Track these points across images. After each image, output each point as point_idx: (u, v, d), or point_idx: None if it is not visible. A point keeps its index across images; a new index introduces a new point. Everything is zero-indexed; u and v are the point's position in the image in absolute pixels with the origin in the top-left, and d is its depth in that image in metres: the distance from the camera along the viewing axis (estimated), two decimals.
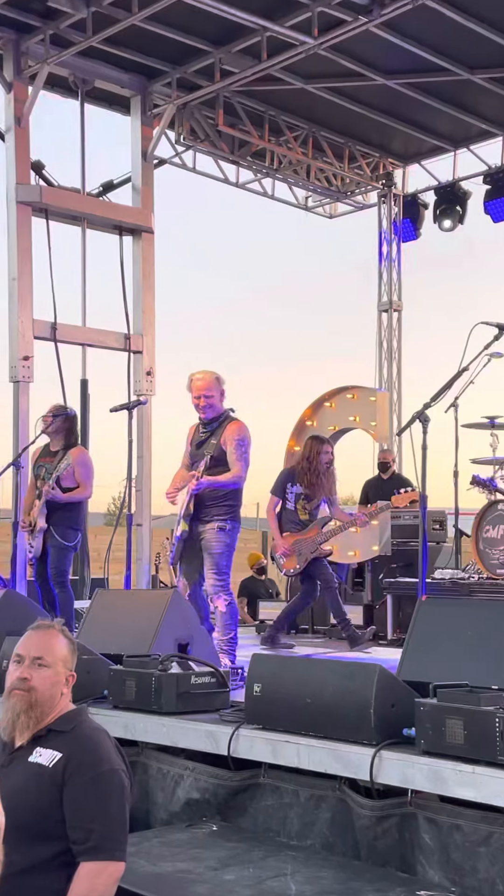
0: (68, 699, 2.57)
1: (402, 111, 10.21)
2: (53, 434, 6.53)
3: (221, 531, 5.39)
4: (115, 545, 7.62)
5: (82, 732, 2.49)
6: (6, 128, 8.62)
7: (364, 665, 3.26)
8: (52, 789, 2.38)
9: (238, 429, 5.47)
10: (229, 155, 10.53)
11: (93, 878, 2.31)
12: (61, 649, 2.57)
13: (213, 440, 5.47)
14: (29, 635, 2.60)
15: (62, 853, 2.36)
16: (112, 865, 2.35)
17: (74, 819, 2.36)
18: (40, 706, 2.48)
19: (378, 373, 11.75)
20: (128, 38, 8.53)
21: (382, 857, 2.95)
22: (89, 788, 2.37)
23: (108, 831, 2.36)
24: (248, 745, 3.38)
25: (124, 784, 2.44)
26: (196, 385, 5.51)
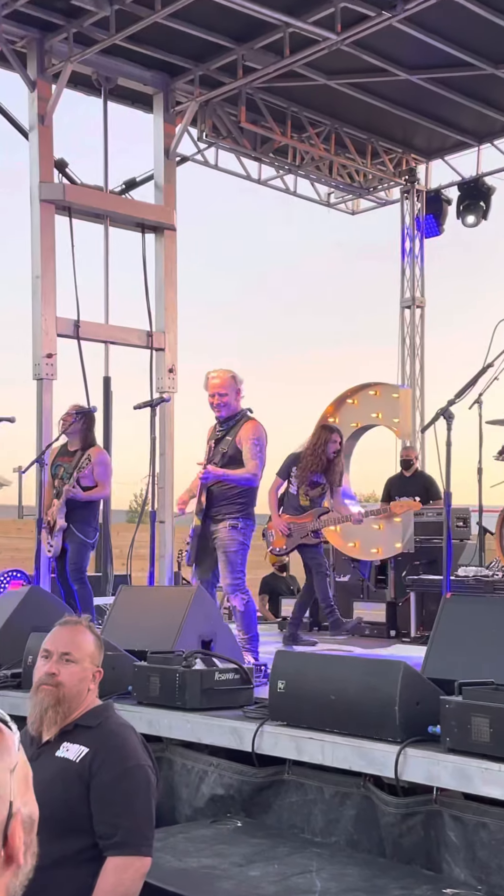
0: (95, 695, 2.59)
1: (425, 106, 10.16)
2: (72, 434, 6.59)
3: (234, 529, 5.36)
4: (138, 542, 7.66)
5: (109, 728, 2.50)
6: (30, 126, 8.66)
7: (389, 662, 3.25)
8: (79, 784, 2.39)
9: (254, 428, 5.47)
10: (251, 152, 10.52)
11: (119, 872, 2.32)
12: (88, 645, 2.58)
13: (229, 437, 5.48)
14: (57, 631, 2.62)
15: (89, 847, 2.37)
16: (139, 861, 2.35)
17: (101, 814, 2.37)
18: (67, 701, 2.49)
19: (400, 369, 11.70)
20: (151, 36, 8.54)
21: (408, 855, 2.95)
22: (116, 784, 2.38)
23: (135, 826, 2.36)
24: (272, 742, 3.38)
25: (150, 780, 2.45)
26: (211, 383, 5.52)
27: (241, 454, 5.41)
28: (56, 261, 8.67)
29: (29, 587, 5.54)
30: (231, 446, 5.43)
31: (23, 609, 4.85)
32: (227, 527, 5.36)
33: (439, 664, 3.35)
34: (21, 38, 8.48)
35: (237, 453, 5.42)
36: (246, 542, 5.42)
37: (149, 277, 9.34)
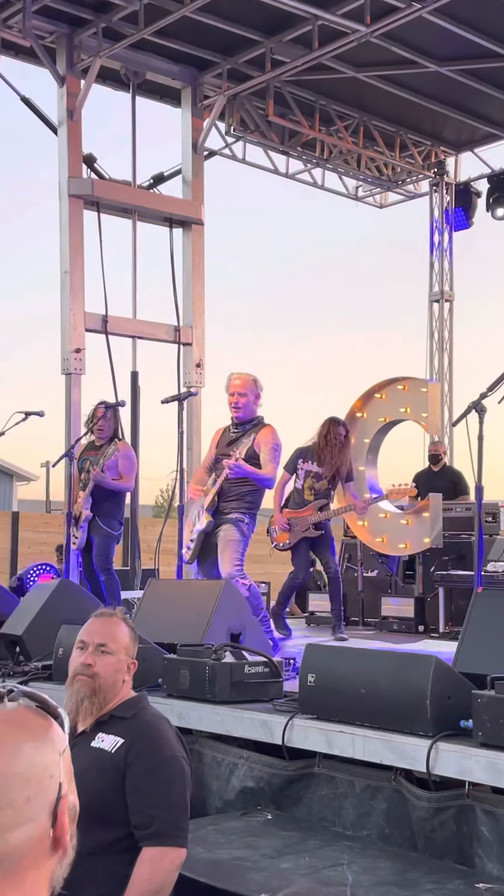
0: (129, 686, 2.60)
1: (454, 98, 10.08)
2: (102, 430, 6.68)
3: (240, 522, 5.55)
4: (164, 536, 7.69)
5: (144, 719, 2.52)
6: (59, 121, 8.70)
7: (420, 656, 3.24)
8: (115, 774, 2.40)
9: (272, 433, 5.61)
10: (279, 145, 10.50)
11: (155, 863, 2.33)
12: (124, 637, 2.60)
13: (246, 440, 5.56)
14: (92, 622, 2.63)
15: (125, 837, 2.38)
16: (174, 851, 2.36)
17: (136, 805, 2.38)
18: (103, 692, 2.51)
19: (429, 364, 11.64)
20: (179, 30, 8.54)
21: (440, 850, 2.93)
22: (151, 775, 2.39)
23: (170, 817, 2.37)
24: (302, 735, 3.38)
25: (185, 771, 2.46)
26: (233, 384, 5.65)
27: (256, 457, 5.51)
28: (84, 256, 8.70)
29: (59, 580, 5.58)
30: (249, 449, 5.53)
31: (53, 602, 4.89)
32: (233, 519, 5.52)
33: (471, 658, 3.33)
34: (50, 33, 8.52)
35: (254, 455, 5.53)
36: (247, 536, 5.61)
37: (176, 272, 9.35)
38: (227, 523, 5.54)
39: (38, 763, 1.02)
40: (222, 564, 5.48)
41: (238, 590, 4.95)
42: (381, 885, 2.65)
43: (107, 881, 2.33)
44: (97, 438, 6.75)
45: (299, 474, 6.87)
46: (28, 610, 4.97)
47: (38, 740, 1.03)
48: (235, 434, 5.68)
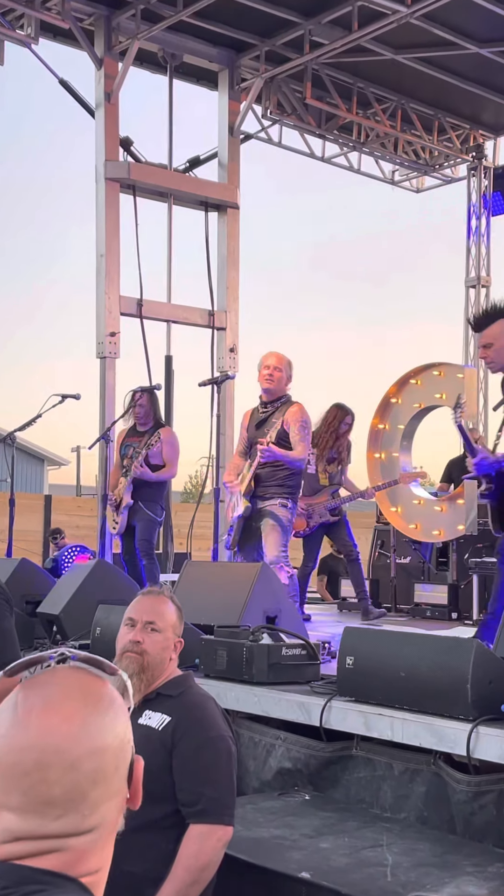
0: (175, 664, 2.61)
1: (494, 80, 9.93)
2: (142, 414, 6.68)
3: (283, 507, 5.55)
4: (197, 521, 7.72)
5: (190, 698, 2.53)
6: (96, 104, 8.70)
7: (461, 640, 3.22)
8: (162, 752, 2.42)
9: (300, 410, 5.60)
10: (316, 129, 10.42)
11: (202, 840, 2.35)
12: (171, 615, 2.61)
13: (275, 419, 5.54)
14: (140, 600, 2.65)
15: (172, 814, 2.40)
16: (221, 829, 2.38)
17: (184, 782, 2.39)
18: (151, 669, 2.52)
19: (465, 350, 11.53)
20: (217, 12, 8.49)
21: (479, 833, 2.92)
22: (198, 753, 2.41)
23: (217, 795, 2.39)
24: (340, 717, 3.38)
25: (231, 750, 2.47)
26: (267, 361, 5.67)
27: (287, 436, 5.50)
28: (120, 239, 8.71)
29: (96, 560, 5.61)
30: (278, 428, 5.51)
31: (90, 582, 4.92)
32: (278, 505, 5.50)
33: None
34: (89, 15, 8.51)
35: (284, 435, 5.52)
36: (292, 521, 5.58)
37: (211, 256, 9.33)
38: (271, 509, 5.52)
39: (118, 733, 1.03)
40: (267, 549, 5.48)
41: (275, 573, 4.95)
42: (422, 866, 2.65)
43: (153, 857, 2.34)
44: (139, 424, 6.75)
45: (310, 459, 6.85)
46: (65, 590, 5.01)
47: (112, 709, 1.04)
48: (264, 414, 5.67)
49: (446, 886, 2.50)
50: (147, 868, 2.30)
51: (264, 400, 5.71)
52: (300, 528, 6.89)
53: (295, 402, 5.66)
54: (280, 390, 5.67)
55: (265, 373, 5.65)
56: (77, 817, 0.98)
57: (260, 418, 5.69)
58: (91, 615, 4.47)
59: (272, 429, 5.54)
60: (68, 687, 1.04)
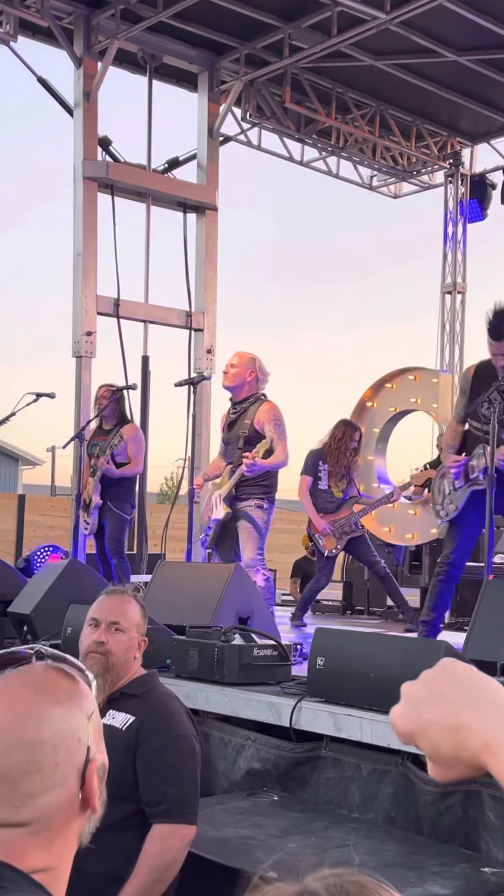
0: (140, 664, 2.61)
1: (472, 88, 10.01)
2: (108, 414, 6.66)
3: (259, 508, 5.48)
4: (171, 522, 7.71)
5: (155, 697, 2.53)
6: (75, 103, 8.68)
7: (431, 641, 3.25)
8: (126, 752, 2.42)
9: (271, 409, 5.50)
10: (295, 133, 10.45)
11: (165, 840, 2.35)
12: (135, 614, 2.61)
13: (246, 420, 5.49)
14: (104, 600, 2.64)
15: (135, 814, 2.40)
16: (184, 829, 2.38)
17: (147, 782, 2.39)
18: (115, 669, 2.52)
19: (440, 355, 11.61)
20: (197, 14, 8.50)
21: (446, 834, 2.94)
22: (162, 752, 2.41)
23: (181, 795, 2.39)
24: (310, 718, 3.39)
25: (195, 749, 2.47)
26: (230, 360, 5.60)
27: (259, 437, 5.43)
28: (98, 239, 8.69)
29: (68, 560, 5.59)
30: (249, 429, 5.45)
31: (62, 581, 4.90)
32: (254, 506, 5.46)
33: (481, 645, 3.33)
34: (68, 14, 8.49)
35: (256, 435, 5.45)
36: (268, 522, 5.53)
37: (189, 257, 9.33)
38: (247, 510, 5.47)
39: (66, 729, 1.03)
40: (244, 552, 5.45)
41: (247, 575, 4.96)
42: (388, 866, 2.67)
43: (117, 857, 2.34)
44: (105, 422, 6.75)
45: (321, 476, 6.76)
46: (37, 589, 4.99)
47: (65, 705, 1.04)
48: (234, 414, 5.61)
49: (412, 886, 2.52)
50: (111, 868, 2.29)
51: (233, 400, 5.66)
52: (330, 547, 6.74)
53: (266, 401, 5.57)
54: (240, 387, 5.57)
55: (224, 371, 5.63)
56: (8, 807, 0.98)
57: (231, 419, 5.64)
58: (62, 615, 4.45)
59: (243, 430, 5.49)
60: (26, 680, 1.04)
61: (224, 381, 5.61)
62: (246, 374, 5.54)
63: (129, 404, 7.29)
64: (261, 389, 5.60)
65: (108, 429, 6.69)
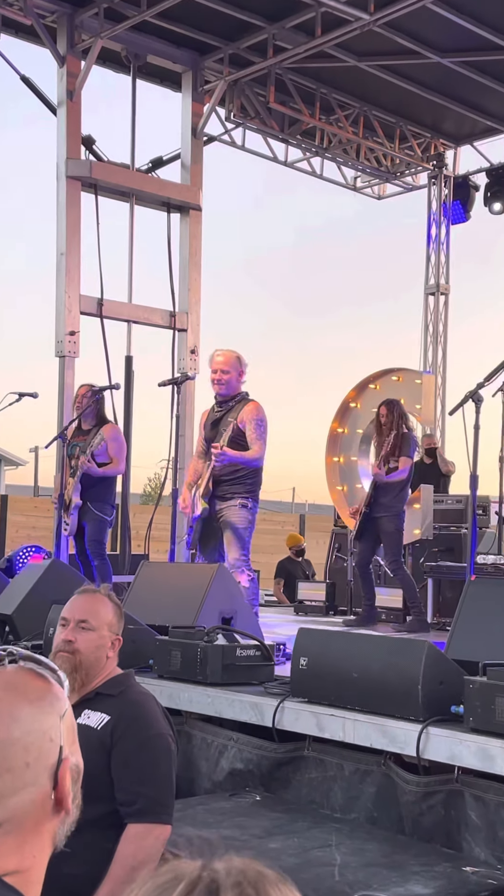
0: (114, 663, 2.59)
1: (455, 90, 10.06)
2: (87, 413, 6.62)
3: (244, 508, 5.41)
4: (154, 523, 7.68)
5: (130, 697, 2.51)
6: (58, 102, 8.64)
7: (413, 641, 3.25)
8: (101, 751, 2.40)
9: (256, 409, 5.45)
10: (279, 133, 10.46)
11: (140, 839, 2.34)
12: (106, 613, 2.58)
13: (230, 418, 5.45)
14: (74, 599, 2.63)
15: (111, 814, 2.38)
16: (159, 828, 2.36)
17: (122, 782, 2.38)
18: (85, 668, 2.49)
19: (423, 356, 11.65)
20: (181, 13, 8.49)
21: (428, 833, 2.95)
22: (137, 752, 2.39)
23: (155, 794, 2.37)
24: (293, 718, 3.39)
25: (171, 748, 2.45)
26: (215, 360, 5.52)
27: (243, 435, 5.41)
28: (81, 238, 8.66)
29: (50, 560, 5.56)
30: (233, 427, 5.42)
31: (44, 582, 4.87)
32: (238, 505, 5.39)
33: (463, 645, 3.34)
34: (52, 12, 8.46)
35: (239, 434, 5.41)
36: (253, 521, 5.47)
37: (173, 257, 9.32)
38: (230, 509, 5.42)
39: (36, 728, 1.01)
40: (228, 553, 5.41)
41: (231, 575, 4.94)
42: (370, 866, 2.67)
43: (92, 857, 2.32)
44: (84, 422, 6.71)
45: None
46: (19, 589, 4.96)
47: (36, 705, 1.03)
48: (219, 413, 5.58)
49: (394, 886, 2.52)
50: (86, 869, 2.27)
51: (219, 399, 5.63)
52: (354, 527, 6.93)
53: (251, 401, 5.52)
54: (232, 390, 5.54)
55: (213, 377, 5.55)
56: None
57: (215, 417, 5.61)
58: (45, 615, 4.43)
59: (227, 428, 5.46)
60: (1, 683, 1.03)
61: (218, 389, 5.52)
62: (234, 376, 5.51)
63: (112, 404, 7.26)
64: (242, 386, 5.57)
65: (87, 429, 6.64)
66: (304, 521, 16.41)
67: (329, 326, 75.14)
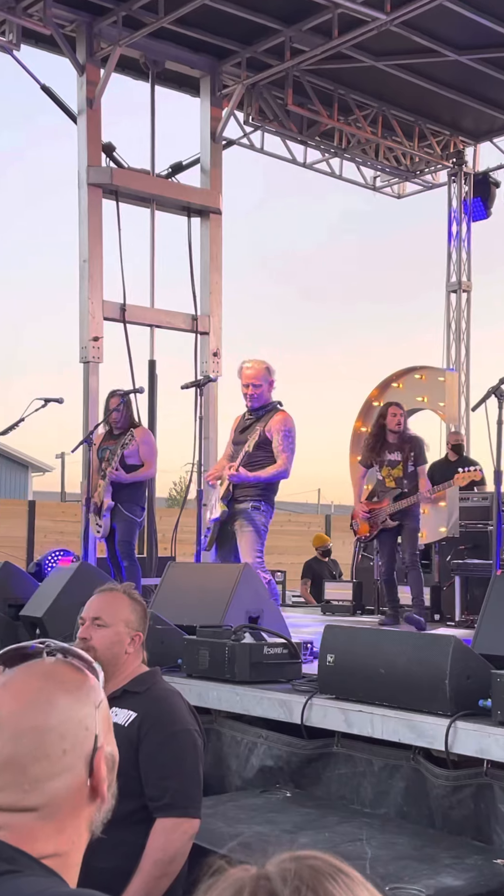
0: (138, 661, 2.61)
1: (474, 87, 10.04)
2: (118, 419, 6.69)
3: (255, 510, 5.48)
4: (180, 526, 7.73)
5: (156, 693, 2.54)
6: (78, 110, 8.73)
7: (439, 636, 3.26)
8: (128, 748, 2.43)
9: (284, 419, 5.51)
10: (297, 135, 10.49)
11: (168, 833, 2.37)
12: (122, 609, 2.60)
13: (259, 426, 5.51)
14: (92, 598, 2.67)
15: (139, 810, 2.41)
16: (187, 822, 2.40)
17: (150, 777, 2.41)
18: (101, 664, 2.51)
19: (446, 354, 11.62)
20: (198, 19, 8.55)
21: (458, 827, 2.96)
22: (164, 747, 2.42)
23: (183, 789, 2.41)
24: (321, 714, 3.41)
25: (197, 743, 2.48)
26: (245, 374, 5.58)
27: (268, 444, 5.46)
28: (103, 245, 8.74)
29: (79, 563, 5.62)
30: (260, 435, 5.48)
31: (73, 584, 4.92)
32: (250, 508, 5.46)
33: (490, 640, 3.35)
34: (71, 21, 8.55)
35: (265, 441, 5.47)
36: (266, 524, 5.53)
37: (194, 261, 9.37)
38: (244, 513, 5.48)
39: (73, 717, 1.05)
40: (242, 555, 5.46)
41: (256, 574, 4.97)
42: (401, 859, 2.68)
43: (122, 852, 2.36)
44: (114, 427, 6.78)
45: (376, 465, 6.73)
46: (48, 592, 5.02)
47: (73, 694, 1.06)
48: (250, 420, 5.64)
49: (425, 878, 2.53)
50: (118, 864, 2.31)
51: (250, 407, 5.70)
52: (362, 532, 6.81)
53: (280, 411, 5.58)
54: (263, 401, 5.61)
55: (245, 391, 5.61)
56: (18, 792, 1.00)
57: (244, 425, 5.68)
58: (74, 617, 4.45)
59: (253, 435, 5.51)
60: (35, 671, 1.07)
61: (251, 403, 5.58)
62: (266, 387, 5.58)
63: (136, 408, 7.32)
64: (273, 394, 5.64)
65: (118, 434, 6.72)
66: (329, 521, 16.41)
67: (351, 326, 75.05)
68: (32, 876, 0.98)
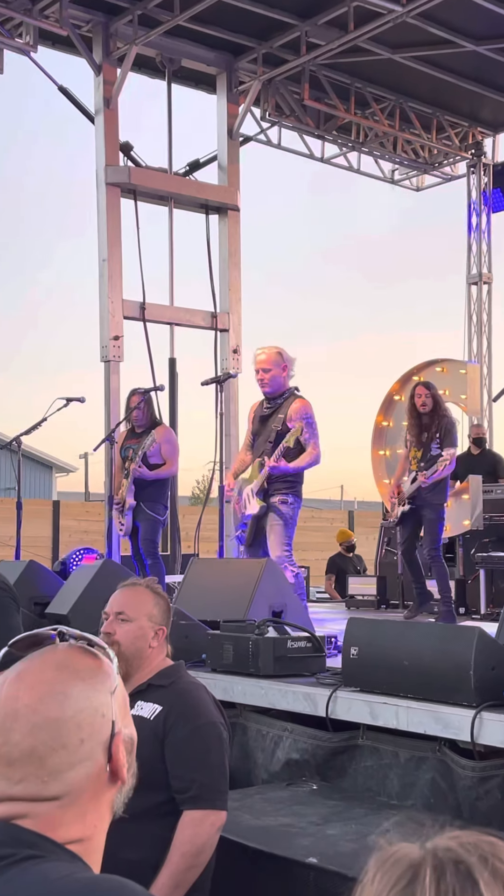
0: (163, 655, 2.62)
1: (492, 78, 9.97)
2: (139, 417, 6.70)
3: (284, 504, 5.43)
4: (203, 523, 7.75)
5: (181, 686, 2.55)
6: (95, 110, 8.77)
7: (463, 627, 3.25)
8: (154, 741, 2.44)
9: (303, 407, 5.43)
10: (315, 129, 10.47)
11: (196, 825, 2.38)
12: (145, 604, 2.61)
13: (280, 415, 5.46)
14: (115, 593, 2.68)
15: (166, 802, 2.43)
16: (214, 814, 2.40)
17: (176, 770, 2.42)
18: (126, 659, 2.52)
19: (467, 346, 11.56)
20: (214, 16, 8.55)
21: (485, 818, 2.95)
22: (189, 740, 2.43)
23: (209, 781, 2.42)
24: (346, 707, 3.40)
25: (223, 736, 2.49)
26: (258, 360, 5.53)
27: (290, 431, 5.41)
28: (122, 244, 8.77)
29: (103, 560, 5.65)
30: (282, 424, 5.44)
31: (97, 581, 4.95)
32: (278, 501, 5.43)
33: None
34: (87, 21, 8.59)
35: (288, 430, 5.42)
36: (295, 517, 5.48)
37: (213, 258, 9.38)
38: (273, 506, 5.47)
39: (88, 706, 1.05)
40: (271, 549, 5.43)
41: (279, 569, 4.97)
42: None
43: (150, 844, 2.38)
44: (136, 426, 6.79)
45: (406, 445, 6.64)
46: (73, 589, 5.05)
47: (87, 682, 1.07)
48: (268, 410, 5.59)
49: None
50: (145, 855, 2.33)
51: (267, 396, 5.65)
52: (392, 517, 6.83)
53: (298, 398, 5.52)
54: (279, 388, 5.53)
55: (257, 378, 5.56)
56: (37, 783, 1.01)
57: (264, 413, 5.63)
58: (99, 614, 4.48)
59: (278, 425, 5.46)
60: (48, 660, 1.07)
61: (264, 389, 5.53)
62: (278, 372, 5.51)
63: (157, 406, 7.33)
64: (290, 379, 5.56)
65: (140, 432, 6.74)
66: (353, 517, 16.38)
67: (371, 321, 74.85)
68: (56, 861, 0.99)
